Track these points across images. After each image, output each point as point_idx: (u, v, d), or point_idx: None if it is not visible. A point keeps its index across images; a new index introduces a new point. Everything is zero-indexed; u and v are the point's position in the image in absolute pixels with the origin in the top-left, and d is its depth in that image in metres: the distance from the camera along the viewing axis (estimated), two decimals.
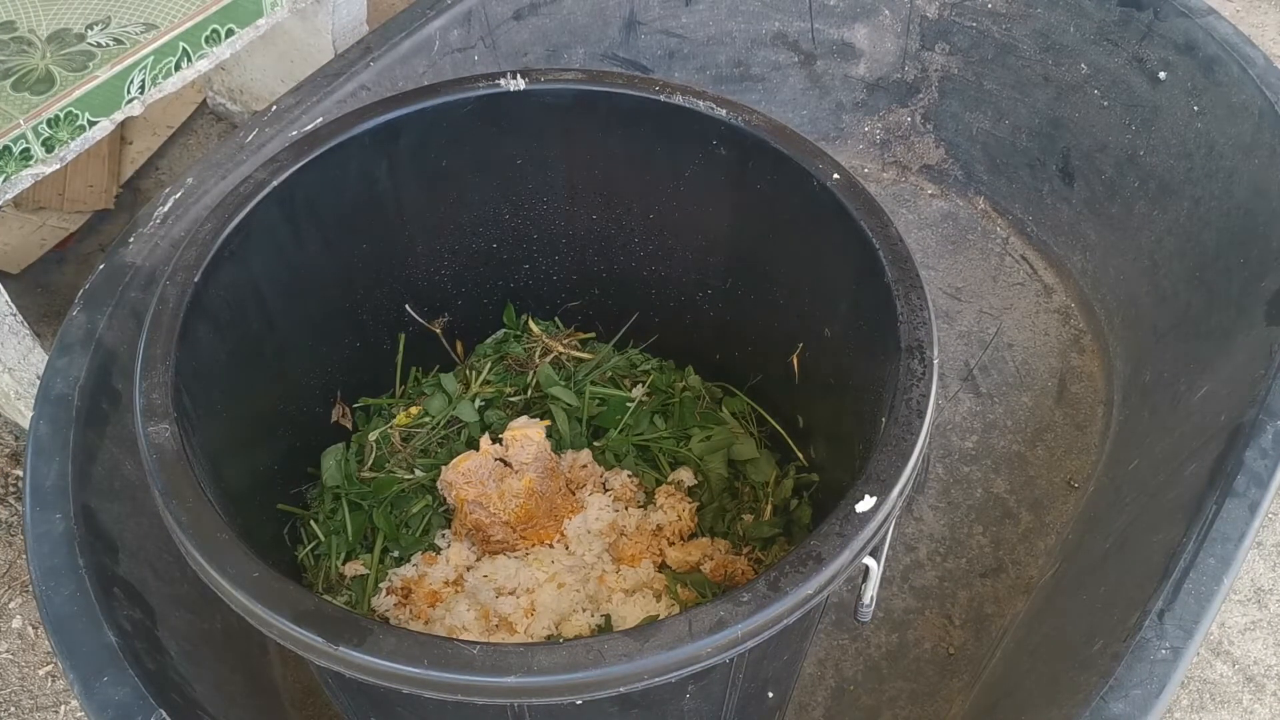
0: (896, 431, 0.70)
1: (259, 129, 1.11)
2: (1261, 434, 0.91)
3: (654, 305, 1.12)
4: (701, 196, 0.98)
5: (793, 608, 0.63)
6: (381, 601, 0.96)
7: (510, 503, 0.99)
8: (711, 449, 1.05)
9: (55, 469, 0.86)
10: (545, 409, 1.09)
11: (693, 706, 0.77)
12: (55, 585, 0.80)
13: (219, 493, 0.75)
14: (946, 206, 1.53)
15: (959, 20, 1.44)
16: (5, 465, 1.28)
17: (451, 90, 0.92)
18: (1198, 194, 1.24)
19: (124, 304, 0.97)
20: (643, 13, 1.42)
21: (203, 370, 0.79)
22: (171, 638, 0.85)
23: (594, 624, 0.93)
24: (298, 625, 0.62)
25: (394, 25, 1.24)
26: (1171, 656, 0.78)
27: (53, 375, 0.91)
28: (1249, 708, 1.12)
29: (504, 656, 0.60)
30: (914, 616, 1.13)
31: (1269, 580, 1.21)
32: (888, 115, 1.55)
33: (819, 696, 1.07)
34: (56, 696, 1.11)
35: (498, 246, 1.08)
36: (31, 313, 1.38)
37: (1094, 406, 1.31)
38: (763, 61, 1.51)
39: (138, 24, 1.07)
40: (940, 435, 1.27)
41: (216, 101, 1.66)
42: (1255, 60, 1.20)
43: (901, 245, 0.80)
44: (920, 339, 0.75)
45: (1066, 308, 1.41)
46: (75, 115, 1.01)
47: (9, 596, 1.18)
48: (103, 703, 0.74)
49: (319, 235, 0.93)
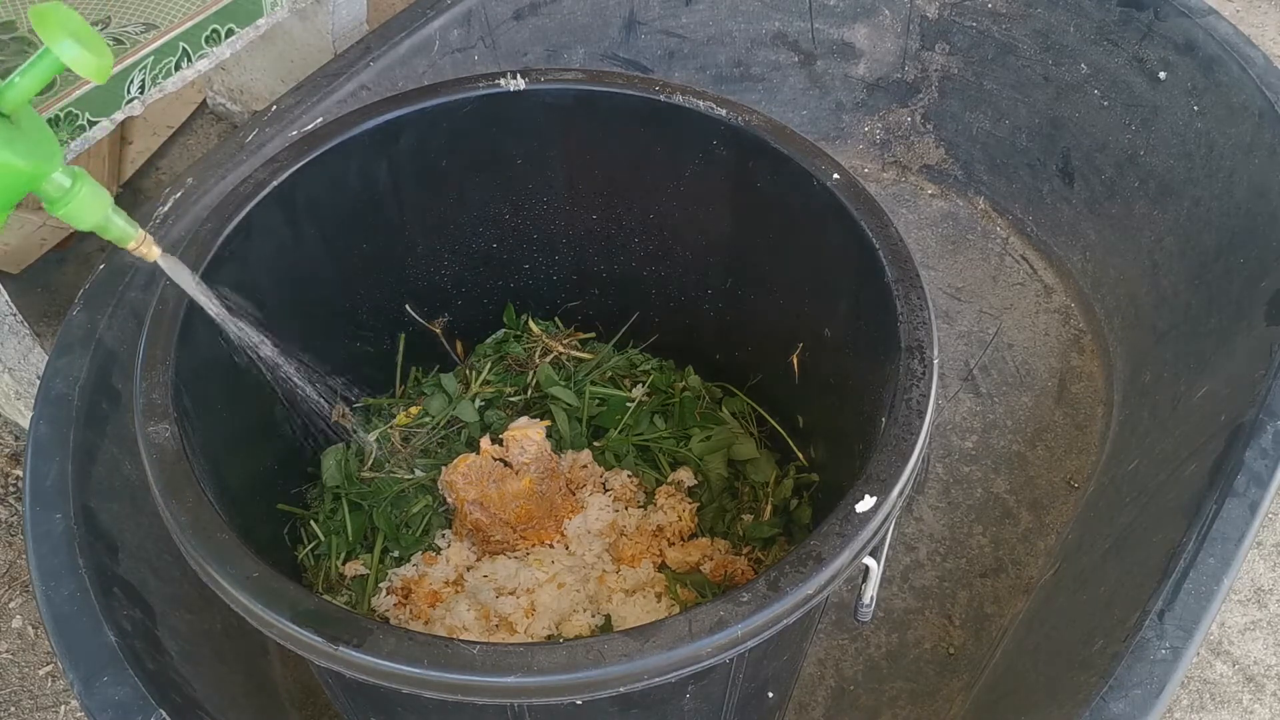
0: (896, 431, 0.70)
1: (259, 129, 1.11)
2: (1261, 434, 0.91)
3: (654, 305, 1.12)
4: (701, 196, 0.98)
5: (793, 608, 0.63)
6: (381, 601, 0.96)
7: (510, 503, 0.99)
8: (711, 449, 1.05)
9: (55, 469, 0.86)
10: (545, 409, 1.09)
11: (693, 706, 0.77)
12: (55, 585, 0.80)
13: (219, 493, 0.75)
14: (946, 206, 1.53)
15: (959, 20, 1.44)
16: (5, 465, 1.28)
17: (451, 90, 0.92)
18: (1198, 194, 1.24)
19: (124, 304, 0.97)
20: (643, 13, 1.42)
21: (203, 370, 0.79)
22: (171, 638, 0.85)
23: (594, 624, 0.93)
24: (298, 625, 0.62)
25: (394, 25, 1.24)
26: (1171, 656, 0.78)
27: (53, 375, 0.91)
28: (1249, 708, 1.12)
29: (504, 656, 0.60)
30: (914, 616, 1.13)
31: (1269, 580, 1.21)
32: (888, 115, 1.55)
33: (819, 696, 1.07)
34: (56, 696, 1.11)
35: (498, 246, 1.08)
36: (31, 313, 1.38)
37: (1094, 406, 1.31)
38: (763, 61, 1.51)
39: (138, 24, 1.07)
40: (940, 435, 1.27)
41: (216, 101, 1.66)
42: (1255, 60, 1.20)
43: (901, 245, 0.80)
44: (920, 339, 0.75)
45: (1066, 308, 1.41)
46: (75, 115, 1.01)
47: (9, 596, 1.18)
48: (103, 703, 0.74)
49: (319, 235, 0.93)
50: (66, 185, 0.66)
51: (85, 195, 0.67)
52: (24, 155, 0.63)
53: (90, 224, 0.69)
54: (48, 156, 0.65)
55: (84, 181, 0.67)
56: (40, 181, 0.65)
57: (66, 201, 0.66)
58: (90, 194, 0.67)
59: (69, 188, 0.66)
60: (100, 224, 0.69)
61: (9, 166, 0.62)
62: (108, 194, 0.69)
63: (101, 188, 0.69)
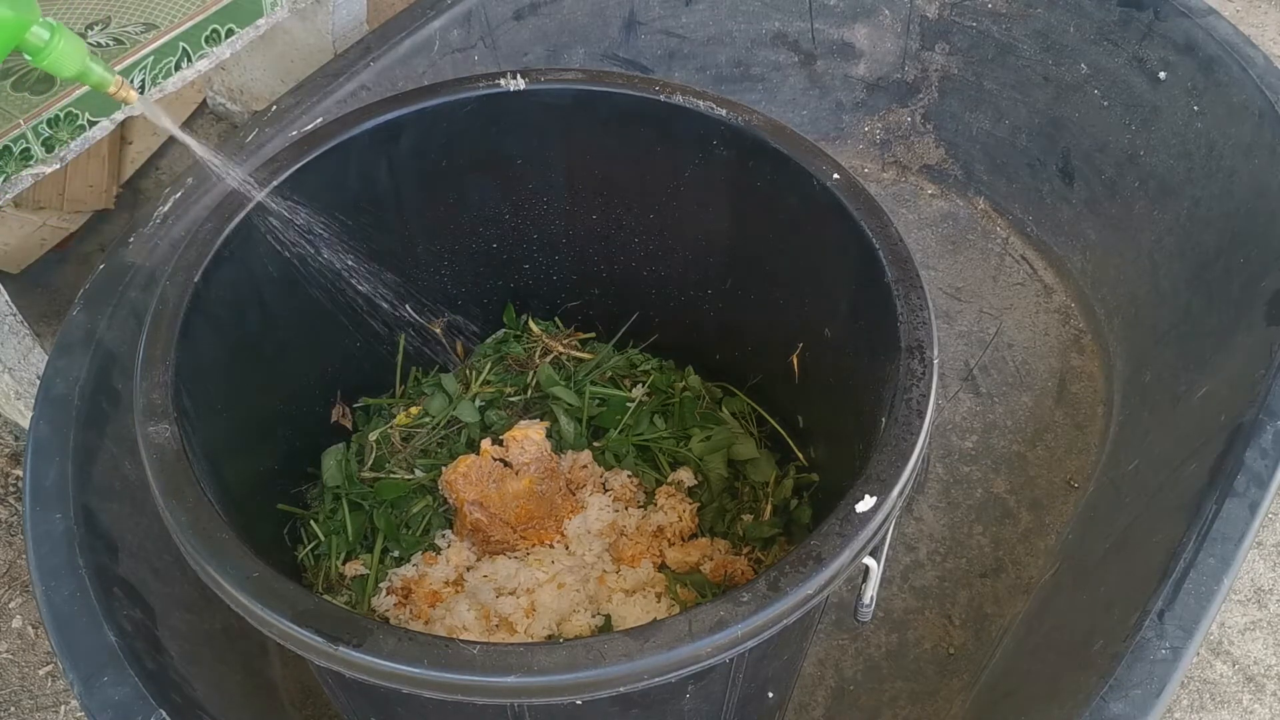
0: (896, 431, 0.70)
1: (259, 129, 1.11)
2: (1261, 434, 0.91)
3: (654, 305, 1.12)
4: (701, 196, 0.98)
5: (793, 608, 0.63)
6: (381, 601, 0.96)
7: (510, 503, 0.99)
8: (711, 449, 1.05)
9: (55, 469, 0.86)
10: (545, 409, 1.09)
11: (693, 706, 0.77)
12: (55, 585, 0.80)
13: (219, 493, 0.75)
14: (946, 206, 1.53)
15: (959, 20, 1.44)
16: (5, 465, 1.28)
17: (451, 90, 0.92)
18: (1198, 194, 1.24)
19: (124, 304, 0.97)
20: (643, 13, 1.42)
21: (203, 370, 0.79)
22: (171, 638, 0.85)
23: (594, 624, 0.93)
24: (298, 625, 0.62)
25: (394, 25, 1.24)
26: (1171, 656, 0.78)
27: (53, 375, 0.91)
28: (1249, 708, 1.12)
29: (504, 656, 0.60)
30: (914, 616, 1.13)
31: (1269, 580, 1.21)
32: (888, 115, 1.55)
33: (819, 696, 1.07)
34: (56, 696, 1.11)
35: (498, 246, 1.08)
36: (31, 313, 1.38)
37: (1094, 406, 1.31)
38: (763, 61, 1.51)
39: (138, 24, 1.07)
40: (940, 435, 1.27)
41: (216, 101, 1.66)
42: (1255, 60, 1.20)
43: (901, 245, 0.80)
44: (920, 339, 0.75)
45: (1066, 308, 1.41)
46: (75, 115, 1.01)
47: (9, 596, 1.18)
48: (103, 703, 0.74)
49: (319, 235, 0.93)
50: (46, 37, 0.72)
51: (64, 45, 0.73)
52: (8, 5, 0.69)
53: (72, 71, 0.74)
54: (28, 7, 0.71)
55: (61, 32, 0.72)
56: (24, 31, 0.71)
57: (49, 52, 0.72)
58: (69, 43, 0.73)
59: (48, 40, 0.72)
60: (80, 70, 0.74)
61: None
62: (83, 43, 0.75)
63: (77, 36, 0.74)
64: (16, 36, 0.71)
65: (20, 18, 0.70)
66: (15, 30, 0.70)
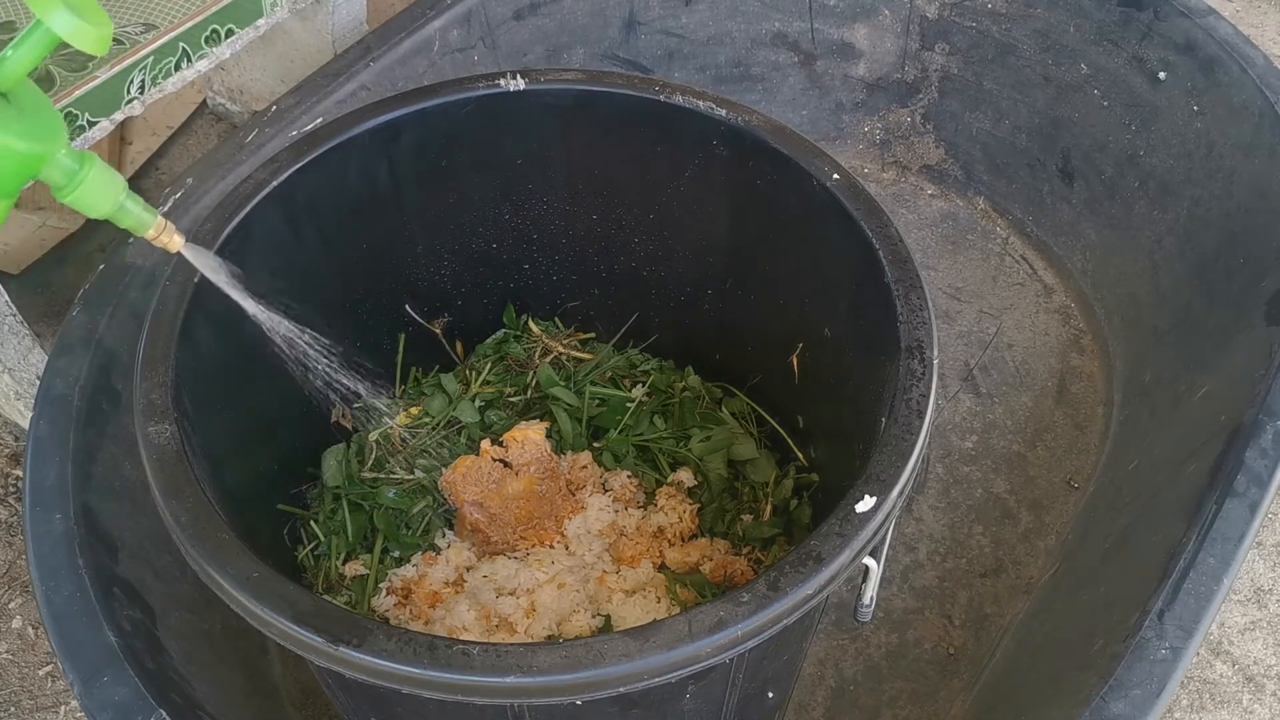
0: (896, 431, 0.70)
1: (259, 129, 1.11)
2: (1261, 434, 0.91)
3: (654, 305, 1.12)
4: (701, 196, 0.98)
5: (793, 608, 0.63)
6: (381, 601, 0.96)
7: (510, 504, 0.99)
8: (711, 449, 1.05)
9: (55, 469, 0.86)
10: (545, 409, 1.09)
11: (693, 706, 0.77)
12: (55, 585, 0.80)
13: (219, 493, 0.75)
14: (946, 206, 1.53)
15: (959, 20, 1.44)
16: (5, 465, 1.28)
17: (451, 90, 0.92)
18: (1198, 194, 1.24)
19: (124, 304, 0.97)
20: (643, 13, 1.42)
21: (203, 370, 0.79)
22: (171, 638, 0.85)
23: (594, 624, 0.93)
24: (298, 625, 0.62)
25: (394, 25, 1.24)
26: (1171, 656, 0.78)
27: (53, 375, 0.91)
28: (1249, 708, 1.12)
29: (504, 656, 0.60)
30: (914, 616, 1.13)
31: (1269, 580, 1.21)
32: (888, 115, 1.55)
33: (819, 696, 1.07)
34: (56, 696, 1.11)
35: (498, 246, 1.08)
36: (31, 313, 1.38)
37: (1094, 406, 1.31)
38: (763, 61, 1.51)
39: (137, 24, 1.07)
40: (940, 435, 1.27)
41: (216, 101, 1.66)
42: (1255, 60, 1.20)
43: (901, 245, 0.80)
44: (920, 339, 0.75)
45: (1066, 308, 1.41)
46: (75, 115, 1.01)
47: (9, 596, 1.18)
48: (103, 703, 0.74)
49: (319, 235, 0.93)
50: (74, 169, 0.62)
51: (94, 180, 0.62)
52: (22, 136, 0.58)
53: (102, 211, 0.64)
54: (51, 138, 0.60)
55: (93, 165, 0.62)
56: (43, 165, 0.60)
57: (74, 187, 0.62)
58: (100, 178, 0.63)
59: (77, 172, 0.62)
60: (113, 211, 0.65)
61: (6, 149, 0.58)
62: (121, 178, 0.65)
63: (114, 172, 0.64)
64: (33, 170, 0.60)
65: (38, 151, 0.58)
66: (31, 165, 0.59)
